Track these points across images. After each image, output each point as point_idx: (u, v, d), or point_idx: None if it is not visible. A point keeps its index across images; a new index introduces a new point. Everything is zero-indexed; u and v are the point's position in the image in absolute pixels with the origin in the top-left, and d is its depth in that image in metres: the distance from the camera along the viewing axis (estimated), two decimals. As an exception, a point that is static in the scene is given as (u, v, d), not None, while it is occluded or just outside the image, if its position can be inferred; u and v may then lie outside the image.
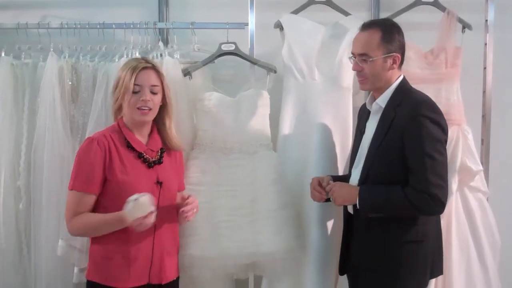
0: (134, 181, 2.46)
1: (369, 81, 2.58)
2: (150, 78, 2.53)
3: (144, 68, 2.51)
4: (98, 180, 2.45)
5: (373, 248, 2.56)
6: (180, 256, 2.66)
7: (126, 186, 2.43)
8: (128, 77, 2.47)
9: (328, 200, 2.70)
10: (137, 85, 2.49)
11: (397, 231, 2.51)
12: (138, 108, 2.49)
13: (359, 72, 2.60)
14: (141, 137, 2.57)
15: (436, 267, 2.62)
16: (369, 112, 2.68)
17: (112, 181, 2.45)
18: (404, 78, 2.60)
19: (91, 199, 2.46)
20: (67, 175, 3.04)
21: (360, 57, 2.56)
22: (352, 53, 2.62)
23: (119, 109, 2.55)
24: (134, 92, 2.49)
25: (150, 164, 2.54)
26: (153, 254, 2.52)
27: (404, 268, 2.51)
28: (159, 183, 2.55)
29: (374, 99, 2.63)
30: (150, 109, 2.52)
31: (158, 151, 2.60)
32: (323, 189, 2.68)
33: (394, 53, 2.52)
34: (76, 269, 3.01)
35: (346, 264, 2.77)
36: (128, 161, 2.50)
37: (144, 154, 2.54)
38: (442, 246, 2.70)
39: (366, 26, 2.60)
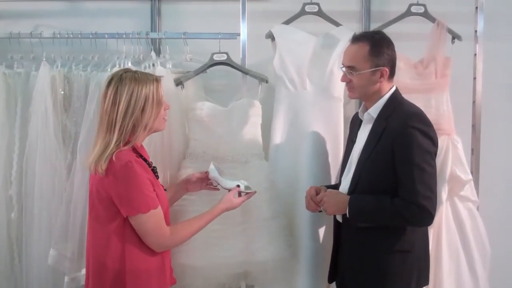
0: (160, 194, 2.45)
1: (356, 91, 2.61)
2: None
3: (161, 79, 2.48)
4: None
5: (360, 256, 2.57)
6: (172, 265, 2.65)
7: (158, 199, 2.41)
8: (157, 90, 2.39)
9: (320, 210, 2.72)
10: (162, 96, 2.45)
11: (384, 241, 2.52)
12: (164, 118, 2.48)
13: (348, 83, 2.63)
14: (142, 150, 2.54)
15: (422, 277, 2.62)
16: (361, 122, 2.70)
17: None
18: (396, 90, 2.61)
19: (161, 210, 2.41)
20: (59, 184, 3.06)
21: (348, 70, 2.59)
22: (342, 64, 2.65)
23: (145, 129, 2.39)
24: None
25: (157, 175, 2.54)
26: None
27: (390, 278, 2.52)
28: (165, 190, 2.59)
29: (366, 108, 2.65)
30: None
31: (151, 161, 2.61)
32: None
33: (381, 67, 2.53)
34: (67, 278, 3.00)
35: (335, 272, 2.79)
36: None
37: (155, 168, 2.54)
38: (429, 256, 2.70)
39: (356, 39, 2.62)
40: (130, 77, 2.37)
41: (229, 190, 2.69)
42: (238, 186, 2.68)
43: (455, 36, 3.29)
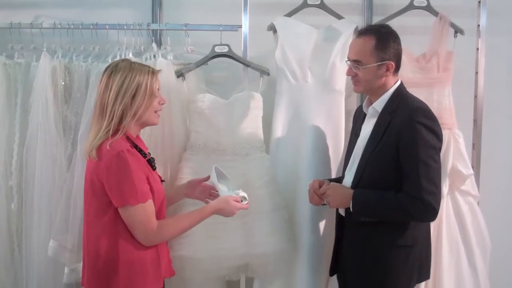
0: (156, 186, 2.45)
1: (362, 85, 2.59)
2: (159, 82, 2.51)
3: (157, 72, 2.49)
4: (148, 185, 2.41)
5: (362, 250, 2.57)
6: (172, 257, 2.66)
7: (153, 191, 2.42)
8: (151, 81, 2.41)
9: (324, 204, 2.71)
10: (158, 89, 2.47)
11: (387, 235, 2.52)
12: (155, 112, 2.48)
13: (353, 77, 2.61)
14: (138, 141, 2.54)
15: (423, 272, 2.63)
16: (365, 115, 2.69)
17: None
18: (401, 84, 2.61)
19: (152, 203, 2.41)
20: (59, 175, 3.06)
21: (354, 63, 2.57)
22: (348, 58, 2.63)
23: (134, 117, 2.39)
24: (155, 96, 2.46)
25: (154, 167, 2.54)
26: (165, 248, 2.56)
27: (392, 272, 2.52)
28: (162, 181, 2.59)
29: (370, 102, 2.63)
30: None
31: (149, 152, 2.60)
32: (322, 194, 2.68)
33: (387, 61, 2.52)
34: (66, 269, 2.99)
35: (337, 265, 2.79)
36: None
37: (152, 159, 2.53)
38: (431, 251, 2.71)
39: (362, 33, 2.60)
40: (125, 65, 2.42)
41: None
42: (242, 200, 2.61)
43: (457, 30, 3.28)
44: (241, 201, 2.58)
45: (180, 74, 3.08)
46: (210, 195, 2.77)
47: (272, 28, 3.22)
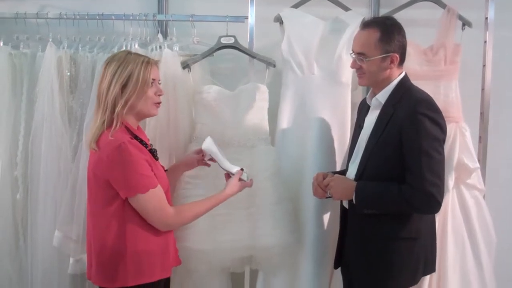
0: (160, 175, 2.45)
1: (366, 77, 2.58)
2: (158, 73, 2.51)
3: (155, 63, 2.49)
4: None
5: (366, 243, 2.57)
6: (177, 248, 2.66)
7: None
8: (145, 71, 2.40)
9: (328, 196, 2.71)
10: (153, 79, 2.45)
11: (391, 228, 2.51)
12: (154, 103, 2.47)
13: (357, 70, 2.60)
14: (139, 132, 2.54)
15: (429, 265, 2.63)
16: (368, 107, 2.68)
17: None
18: (405, 76, 2.59)
19: (161, 188, 2.41)
20: (64, 166, 3.06)
21: (358, 56, 2.56)
22: (352, 50, 2.62)
23: (124, 106, 2.38)
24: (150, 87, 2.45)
25: (156, 157, 2.54)
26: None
27: (396, 265, 2.52)
28: (165, 171, 2.61)
29: (374, 94, 2.63)
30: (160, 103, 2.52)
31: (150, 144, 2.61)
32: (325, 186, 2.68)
33: (392, 53, 2.51)
34: (71, 260, 3.00)
35: (341, 258, 2.79)
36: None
37: (153, 149, 2.54)
38: (436, 244, 2.70)
39: (366, 25, 2.59)
40: (121, 55, 2.43)
41: (228, 171, 2.68)
42: (242, 169, 2.67)
43: (465, 23, 3.27)
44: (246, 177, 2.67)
45: (186, 65, 3.07)
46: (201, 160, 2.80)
47: (279, 20, 3.21)
